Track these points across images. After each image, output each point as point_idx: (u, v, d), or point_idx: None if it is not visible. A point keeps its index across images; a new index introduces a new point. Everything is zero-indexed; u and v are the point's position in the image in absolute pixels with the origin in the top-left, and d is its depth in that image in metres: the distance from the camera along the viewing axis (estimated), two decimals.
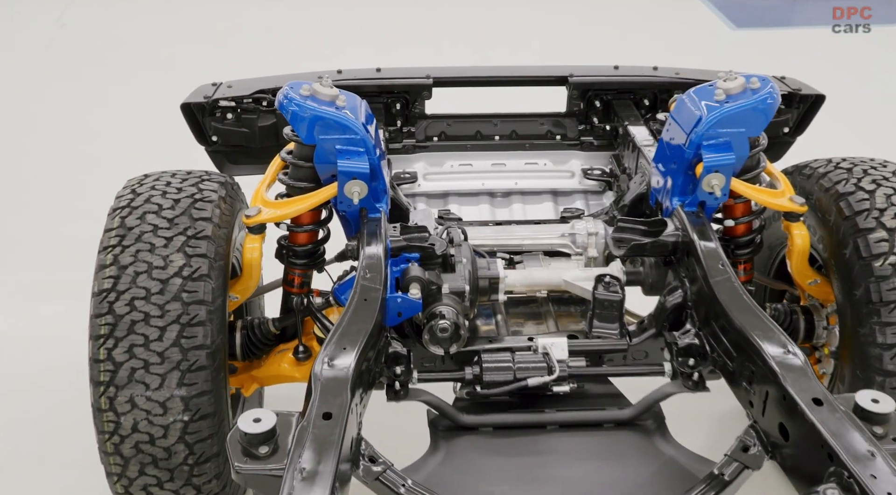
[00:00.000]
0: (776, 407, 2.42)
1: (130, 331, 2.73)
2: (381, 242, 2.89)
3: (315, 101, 2.98)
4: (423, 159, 3.95)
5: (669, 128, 3.20)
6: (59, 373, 4.13)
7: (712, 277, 2.78)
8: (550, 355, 2.87)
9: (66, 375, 3.97)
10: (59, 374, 4.11)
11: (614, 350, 3.00)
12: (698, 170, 3.02)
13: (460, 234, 3.17)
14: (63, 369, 4.08)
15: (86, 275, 2.98)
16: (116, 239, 2.87)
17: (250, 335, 3.29)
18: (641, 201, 3.43)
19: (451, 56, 7.08)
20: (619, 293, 3.05)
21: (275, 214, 3.02)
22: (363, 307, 2.68)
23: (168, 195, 3.00)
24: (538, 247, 3.41)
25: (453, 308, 2.87)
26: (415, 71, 3.88)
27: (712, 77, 3.83)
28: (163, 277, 2.79)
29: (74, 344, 3.40)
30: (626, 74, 3.90)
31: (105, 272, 2.81)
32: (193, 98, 3.67)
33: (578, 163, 3.98)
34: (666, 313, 2.99)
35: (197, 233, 2.89)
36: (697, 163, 3.03)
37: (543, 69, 3.98)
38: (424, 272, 2.87)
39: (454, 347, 2.85)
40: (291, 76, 3.79)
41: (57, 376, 4.12)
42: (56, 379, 4.11)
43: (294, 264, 3.20)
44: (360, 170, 2.93)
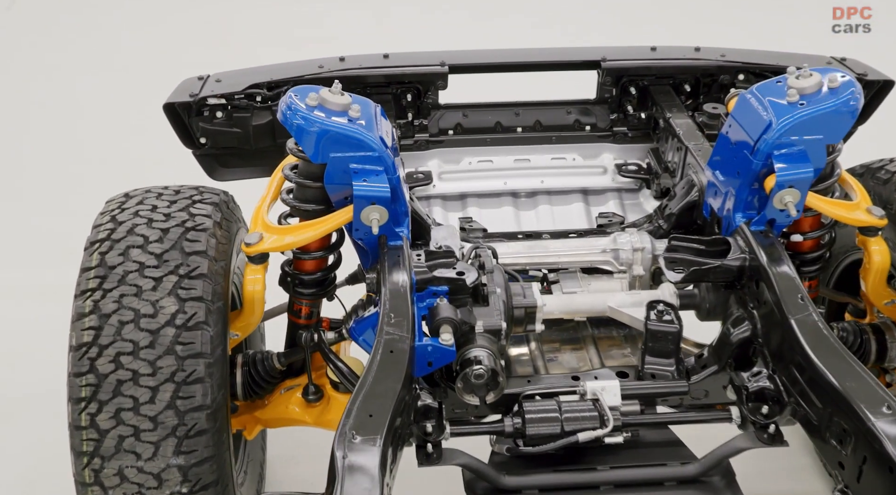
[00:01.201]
0: (879, 477, 2.08)
1: (117, 393, 2.34)
2: (405, 276, 2.49)
3: (324, 111, 2.55)
4: (438, 156, 3.53)
5: (730, 131, 2.79)
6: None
7: (791, 313, 2.41)
8: (602, 402, 2.50)
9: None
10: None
11: (673, 393, 2.63)
12: (768, 184, 2.62)
13: (490, 257, 2.77)
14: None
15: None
16: (96, 281, 2.45)
17: (252, 372, 2.90)
18: (691, 209, 3.03)
19: (455, 30, 6.49)
20: (676, 323, 2.68)
21: (279, 243, 2.61)
22: (390, 361, 2.31)
23: (154, 224, 2.58)
24: (576, 264, 3.01)
25: (488, 349, 2.50)
26: (427, 57, 3.44)
27: (762, 59, 3.45)
28: (152, 327, 2.38)
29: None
30: (666, 57, 3.48)
31: (84, 322, 2.40)
32: (177, 96, 3.20)
33: (611, 158, 3.57)
34: (731, 348, 2.63)
35: (191, 272, 2.47)
36: (767, 175, 2.63)
37: (572, 52, 3.54)
38: (456, 311, 2.48)
39: (491, 396, 2.49)
40: (287, 66, 3.36)
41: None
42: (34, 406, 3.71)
43: (301, 294, 2.80)
44: (380, 193, 2.51)
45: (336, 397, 2.87)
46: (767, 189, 2.62)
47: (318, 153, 2.54)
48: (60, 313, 2.85)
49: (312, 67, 3.34)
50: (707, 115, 3.25)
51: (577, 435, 2.43)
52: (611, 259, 2.99)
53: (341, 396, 2.86)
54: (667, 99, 3.45)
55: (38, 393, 3.76)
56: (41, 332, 3.87)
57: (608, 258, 2.99)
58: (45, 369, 3.46)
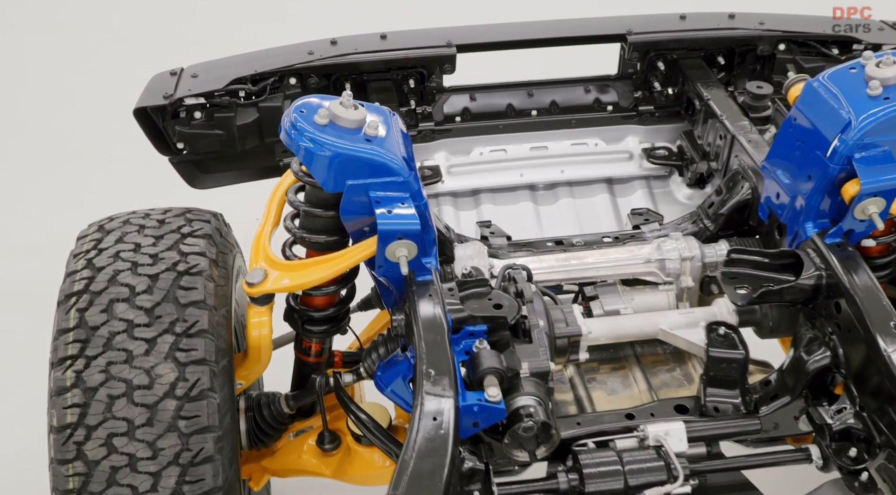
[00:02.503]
0: None
1: (111, 483, 1.97)
2: (441, 320, 2.13)
3: (336, 130, 2.14)
4: (445, 147, 3.14)
5: (796, 125, 2.43)
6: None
7: (886, 345, 2.09)
8: (667, 450, 2.20)
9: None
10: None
11: (744, 432, 2.32)
12: (848, 191, 2.29)
13: (525, 279, 2.42)
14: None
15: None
16: (76, 346, 2.06)
17: (257, 418, 2.53)
18: (742, 210, 2.70)
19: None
20: (740, 349, 2.36)
21: (286, 283, 2.23)
22: (434, 432, 1.98)
23: (140, 269, 2.18)
24: (617, 276, 2.67)
25: (538, 398, 2.16)
26: (431, 36, 3.02)
27: (806, 26, 3.09)
28: (149, 401, 2.01)
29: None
30: (698, 27, 3.09)
31: (66, 398, 2.01)
32: (149, 99, 2.76)
33: (636, 141, 3.21)
34: (806, 377, 2.31)
35: (189, 328, 2.09)
36: (846, 181, 2.30)
37: (594, 25, 3.12)
38: (500, 357, 2.13)
39: (543, 450, 2.17)
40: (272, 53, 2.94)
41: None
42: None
43: (310, 333, 2.43)
44: (409, 227, 2.13)
45: (358, 450, 2.52)
46: (847, 197, 2.29)
47: (332, 181, 2.14)
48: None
49: (301, 54, 2.91)
50: (751, 95, 2.89)
51: (645, 494, 2.14)
52: (656, 270, 2.65)
53: (364, 449, 2.51)
54: (700, 74, 3.08)
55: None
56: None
57: (653, 269, 2.65)
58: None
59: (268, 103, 2.87)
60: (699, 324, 2.46)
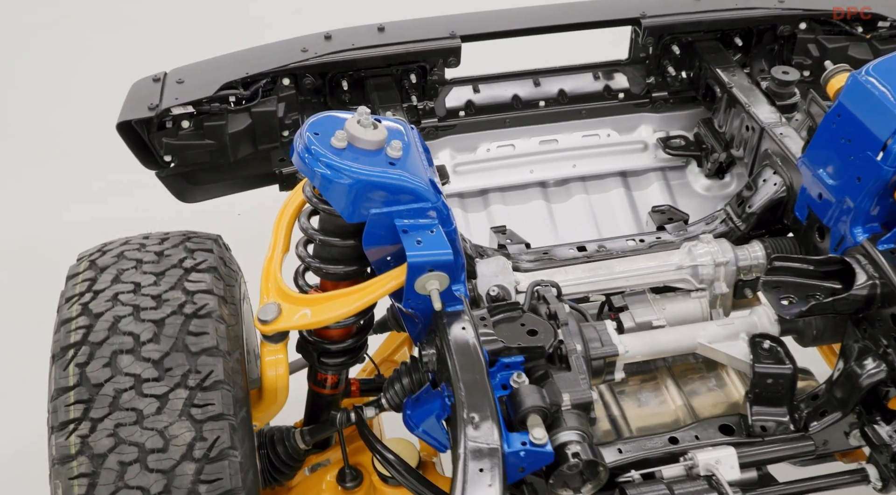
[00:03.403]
0: None
1: None
2: (478, 355, 1.95)
3: (354, 153, 1.92)
4: (450, 144, 2.94)
5: (840, 121, 2.27)
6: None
7: None
8: (719, 479, 2.06)
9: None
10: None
11: (798, 455, 2.19)
12: None
13: (555, 297, 2.24)
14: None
15: None
16: (79, 408, 1.85)
17: (271, 455, 2.35)
18: (775, 208, 2.54)
19: None
20: (787, 363, 2.21)
21: (304, 320, 2.02)
22: (482, 483, 1.79)
23: (143, 313, 1.96)
24: (648, 285, 2.50)
25: (582, 432, 2.00)
26: (432, 26, 2.80)
27: (829, 3, 2.91)
28: (165, 466, 1.81)
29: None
30: (715, 8, 2.90)
31: (72, 468, 1.81)
32: (133, 111, 2.51)
33: (650, 130, 3.03)
34: (860, 392, 2.17)
35: (203, 381, 1.89)
36: None
37: (605, 8, 2.91)
38: (542, 392, 1.97)
39: (588, 488, 2.01)
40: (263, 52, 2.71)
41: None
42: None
43: (326, 365, 2.24)
44: (441, 258, 1.93)
45: (384, 491, 2.35)
46: None
47: (352, 209, 1.93)
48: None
49: (295, 52, 2.68)
50: (776, 81, 2.72)
51: None
52: (688, 277, 2.49)
53: (390, 490, 2.34)
54: (718, 57, 2.90)
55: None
56: None
57: (685, 276, 2.49)
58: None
59: (261, 108, 2.64)
60: (739, 335, 2.31)
